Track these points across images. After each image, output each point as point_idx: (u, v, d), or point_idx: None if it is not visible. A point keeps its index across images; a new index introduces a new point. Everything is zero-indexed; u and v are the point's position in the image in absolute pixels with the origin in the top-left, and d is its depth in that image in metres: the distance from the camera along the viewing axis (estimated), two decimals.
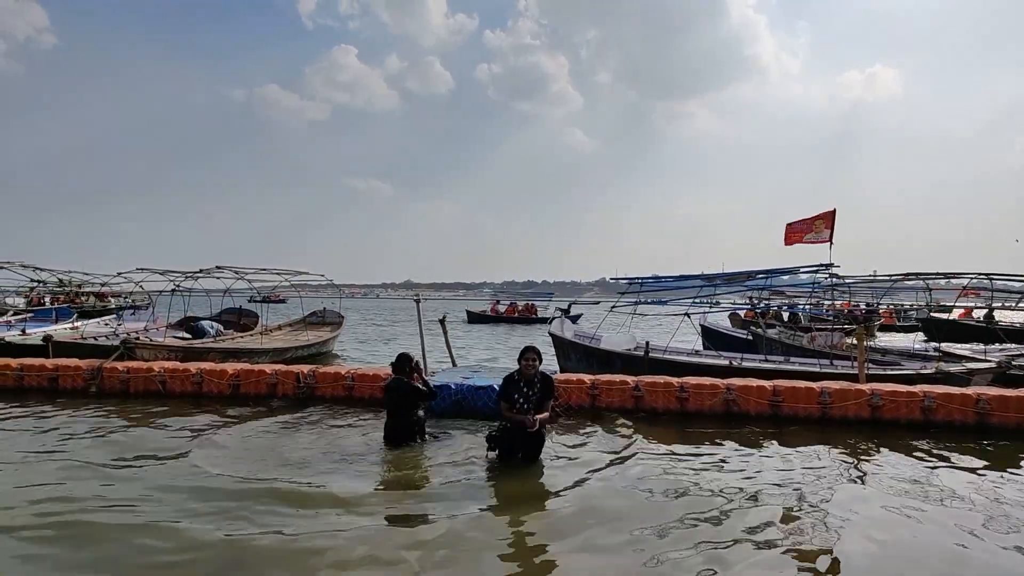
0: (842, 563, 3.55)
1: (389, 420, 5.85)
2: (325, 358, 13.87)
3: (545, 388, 5.16)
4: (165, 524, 3.94)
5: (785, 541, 3.80)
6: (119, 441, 6.09)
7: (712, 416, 7.30)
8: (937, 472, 5.35)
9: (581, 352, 10.99)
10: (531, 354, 5.20)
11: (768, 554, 3.63)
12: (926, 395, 7.02)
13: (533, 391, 5.15)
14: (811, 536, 3.90)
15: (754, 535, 3.88)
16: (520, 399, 5.15)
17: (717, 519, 4.14)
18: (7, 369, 8.65)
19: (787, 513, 4.28)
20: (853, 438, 6.47)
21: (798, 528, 4.03)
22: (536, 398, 5.13)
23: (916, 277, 12.43)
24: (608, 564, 3.51)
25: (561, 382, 7.67)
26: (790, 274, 11.15)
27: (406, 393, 5.79)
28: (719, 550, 3.66)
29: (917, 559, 3.68)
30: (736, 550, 3.67)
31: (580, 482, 4.92)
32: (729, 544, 3.75)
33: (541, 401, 5.13)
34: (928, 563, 3.64)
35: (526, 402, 5.14)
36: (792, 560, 3.56)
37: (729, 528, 4.00)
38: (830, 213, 10.53)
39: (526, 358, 5.19)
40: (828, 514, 4.27)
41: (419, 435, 5.86)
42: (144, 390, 8.35)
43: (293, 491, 4.58)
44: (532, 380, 5.18)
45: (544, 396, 5.14)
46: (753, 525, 4.04)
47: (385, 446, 5.74)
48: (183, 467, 5.20)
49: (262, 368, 8.48)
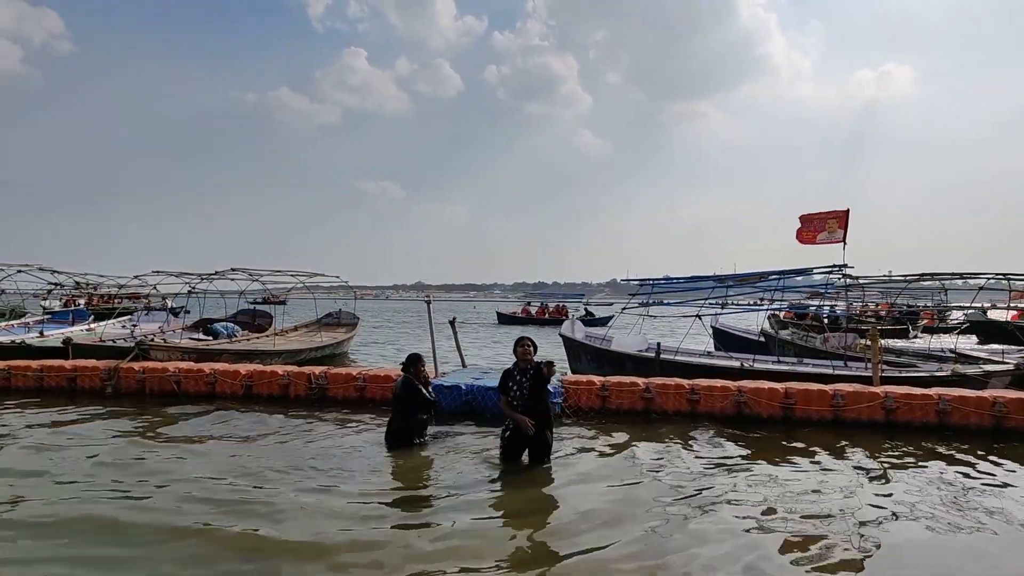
0: (858, 569, 3.53)
1: (393, 420, 5.99)
2: (339, 360, 13.95)
3: (537, 377, 5.21)
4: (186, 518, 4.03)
5: (795, 547, 3.78)
6: (136, 441, 6.20)
7: (723, 418, 7.26)
8: (953, 475, 5.29)
9: (592, 354, 10.97)
10: (526, 342, 5.34)
11: (778, 560, 3.61)
12: (941, 398, 6.94)
13: (526, 378, 5.23)
14: (823, 541, 3.88)
15: (762, 540, 3.87)
16: (515, 387, 5.25)
17: (726, 523, 4.13)
18: (28, 370, 8.83)
19: (798, 518, 4.25)
20: (866, 441, 6.41)
21: (808, 533, 4.00)
22: (528, 385, 5.20)
23: (932, 278, 12.27)
24: (611, 567, 3.51)
25: (571, 383, 7.68)
26: (803, 275, 11.06)
27: (411, 397, 5.92)
28: (726, 554, 3.65)
29: (936, 564, 3.65)
30: (744, 554, 3.65)
31: (587, 484, 4.93)
32: (737, 548, 3.73)
33: (533, 389, 5.19)
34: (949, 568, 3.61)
35: (520, 390, 5.22)
36: (803, 566, 3.54)
37: (737, 533, 3.98)
38: (843, 213, 10.42)
39: (522, 346, 5.32)
40: (841, 519, 4.24)
41: (419, 436, 5.98)
42: (159, 390, 8.48)
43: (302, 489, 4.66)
44: (526, 369, 5.27)
45: (536, 384, 5.20)
46: (762, 530, 4.02)
47: (386, 446, 5.88)
48: (190, 467, 5.29)
49: (274, 369, 8.56)
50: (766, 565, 3.51)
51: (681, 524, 4.08)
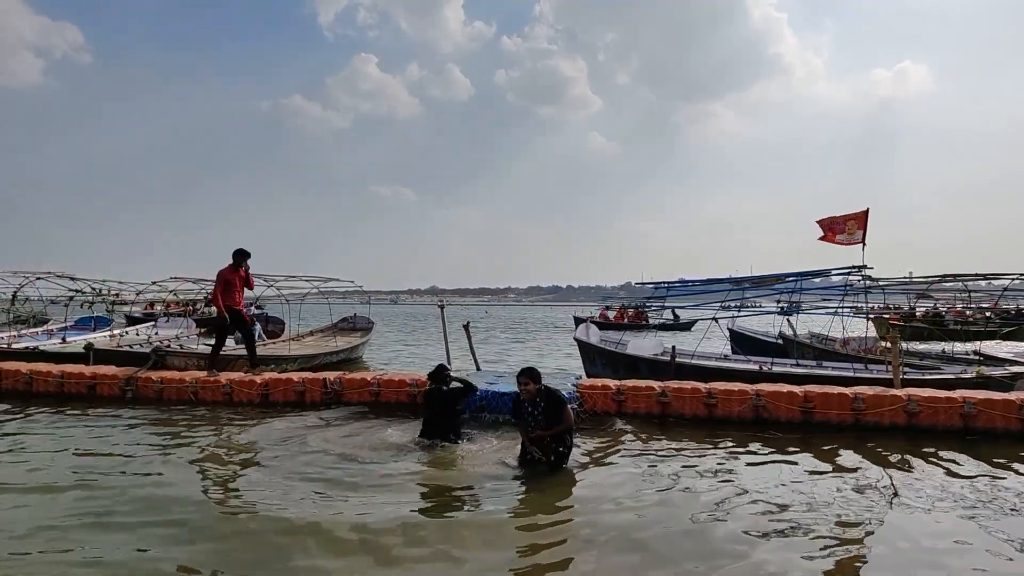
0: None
1: (429, 419, 6.11)
2: (354, 364, 14.02)
3: (550, 410, 5.15)
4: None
5: (815, 555, 3.70)
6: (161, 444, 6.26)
7: (741, 423, 7.16)
8: (980, 481, 5.15)
9: (607, 358, 10.90)
10: (523, 378, 5.24)
11: (796, 567, 3.53)
12: (966, 400, 6.77)
13: (538, 410, 5.21)
14: (844, 547, 3.79)
15: (779, 546, 3.79)
16: (528, 418, 5.26)
17: (743, 528, 4.05)
18: (49, 376, 8.96)
19: (817, 525, 4.16)
20: (888, 445, 6.27)
21: (829, 540, 3.91)
22: (542, 418, 5.19)
23: (954, 279, 12.03)
24: (621, 571, 3.46)
25: (586, 387, 7.62)
26: (821, 276, 10.90)
27: (451, 397, 6.09)
28: (740, 561, 3.58)
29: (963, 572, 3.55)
30: (759, 562, 3.58)
31: (601, 488, 4.90)
32: (753, 555, 3.66)
33: (548, 422, 5.16)
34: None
35: (533, 420, 5.23)
36: (823, 573, 3.46)
37: (755, 540, 3.90)
38: (862, 213, 10.22)
39: (520, 382, 5.25)
40: (860, 526, 4.15)
41: (454, 434, 6.05)
42: (177, 398, 8.56)
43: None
44: (535, 401, 5.22)
45: (550, 418, 5.15)
46: (780, 537, 3.94)
47: (421, 440, 6.01)
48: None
49: (290, 376, 8.60)
50: (785, 571, 3.43)
51: (695, 528, 4.01)
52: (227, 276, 9.11)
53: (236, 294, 9.18)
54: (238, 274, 9.20)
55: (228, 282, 9.09)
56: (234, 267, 9.18)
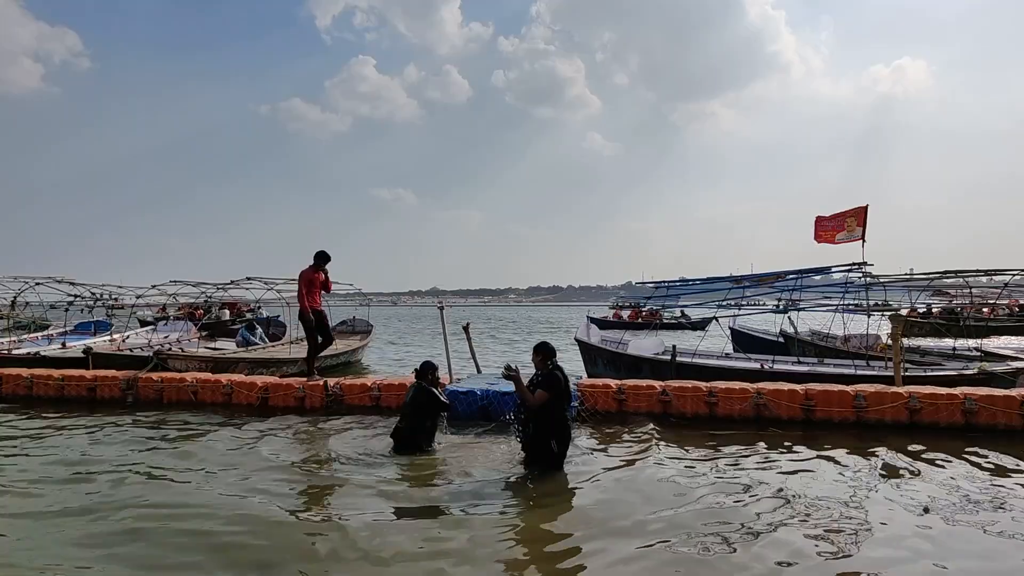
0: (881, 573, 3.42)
1: (401, 423, 5.94)
2: (353, 368, 13.99)
3: (538, 386, 5.20)
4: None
5: (816, 554, 3.68)
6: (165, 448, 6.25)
7: (742, 421, 7.14)
8: (981, 478, 5.14)
9: (608, 357, 10.89)
10: (537, 349, 5.38)
11: (798, 564, 3.52)
12: (967, 397, 6.76)
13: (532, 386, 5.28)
14: (843, 546, 3.78)
15: (780, 544, 3.77)
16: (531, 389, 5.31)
17: (743, 529, 4.03)
18: (49, 379, 8.97)
19: (818, 523, 4.14)
20: (890, 443, 6.25)
21: (829, 538, 3.90)
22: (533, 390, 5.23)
23: (955, 275, 12.01)
24: (622, 571, 3.45)
25: (587, 387, 7.61)
26: (822, 274, 10.87)
27: (428, 400, 5.89)
28: (743, 561, 3.56)
29: (964, 568, 3.53)
30: (760, 562, 3.56)
31: (602, 488, 4.88)
32: (754, 556, 3.65)
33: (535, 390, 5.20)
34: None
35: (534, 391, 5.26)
36: (825, 569, 3.45)
37: (756, 539, 3.88)
38: (862, 209, 10.19)
39: (534, 353, 5.39)
40: (861, 523, 4.13)
41: (426, 443, 5.91)
42: (177, 400, 8.56)
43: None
44: (536, 376, 5.30)
45: (538, 386, 5.20)
46: (780, 533, 3.93)
47: (393, 450, 5.87)
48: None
49: (289, 382, 8.58)
50: (787, 569, 3.42)
51: (695, 527, 3.99)
52: (309, 276, 8.95)
53: (317, 295, 9.08)
54: (318, 275, 9.08)
55: (311, 282, 8.96)
56: (315, 268, 9.03)
